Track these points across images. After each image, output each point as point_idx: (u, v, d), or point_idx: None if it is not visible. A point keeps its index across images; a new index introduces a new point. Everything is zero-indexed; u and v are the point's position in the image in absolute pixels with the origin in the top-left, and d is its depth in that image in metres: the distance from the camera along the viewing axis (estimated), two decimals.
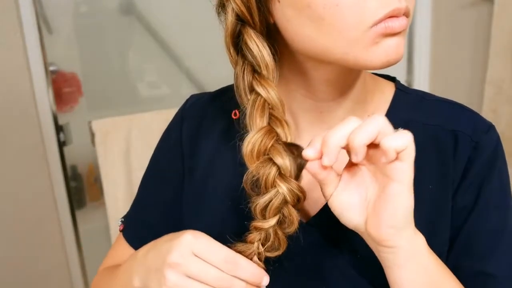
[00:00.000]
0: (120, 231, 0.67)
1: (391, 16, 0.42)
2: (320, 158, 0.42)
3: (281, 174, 0.46)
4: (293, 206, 0.47)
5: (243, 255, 0.47)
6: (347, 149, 0.42)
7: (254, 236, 0.47)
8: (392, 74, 0.61)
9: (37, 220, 1.58)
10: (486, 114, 1.71)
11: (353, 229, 0.46)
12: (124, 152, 1.56)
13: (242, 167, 0.51)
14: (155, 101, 1.71)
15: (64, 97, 1.60)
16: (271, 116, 0.47)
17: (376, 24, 0.42)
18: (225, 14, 0.48)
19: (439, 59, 1.76)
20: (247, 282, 0.46)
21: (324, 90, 0.53)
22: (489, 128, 0.55)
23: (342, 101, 0.54)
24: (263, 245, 0.47)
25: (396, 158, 0.40)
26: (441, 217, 0.53)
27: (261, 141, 0.46)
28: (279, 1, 0.46)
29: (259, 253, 0.48)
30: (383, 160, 0.40)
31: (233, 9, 0.46)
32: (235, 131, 0.58)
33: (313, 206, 0.55)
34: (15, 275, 1.59)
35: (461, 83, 1.81)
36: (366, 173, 0.44)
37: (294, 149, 0.46)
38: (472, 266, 0.52)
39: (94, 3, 1.60)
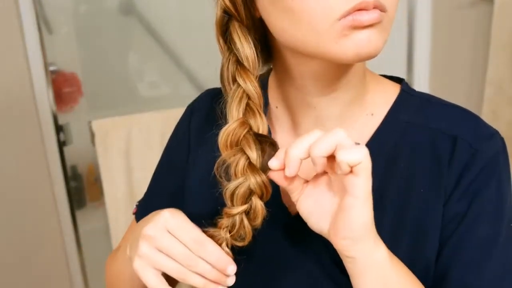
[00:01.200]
0: (133, 214, 0.70)
1: (359, 9, 0.43)
2: (284, 169, 0.45)
3: (250, 164, 0.48)
4: (260, 198, 0.49)
5: (213, 240, 0.49)
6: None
7: (223, 222, 0.49)
8: (391, 74, 0.61)
9: (37, 220, 1.58)
10: (486, 114, 1.71)
11: (319, 233, 0.48)
12: (124, 152, 1.56)
13: None
14: (155, 101, 1.71)
15: (64, 97, 1.60)
16: (247, 107, 0.50)
17: (344, 16, 0.43)
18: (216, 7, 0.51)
19: (439, 59, 1.76)
20: (212, 266, 0.48)
21: (313, 85, 0.53)
22: (492, 136, 0.53)
23: (335, 98, 0.54)
24: (229, 232, 0.49)
25: (351, 172, 0.41)
26: (431, 222, 0.52)
27: (234, 131, 0.49)
28: None
29: (227, 240, 0.49)
30: (339, 172, 0.42)
31: (220, 4, 0.49)
32: None
33: None
34: (15, 275, 1.59)
35: (461, 83, 1.81)
36: (333, 183, 0.46)
37: (265, 141, 0.49)
38: (457, 276, 0.51)
39: (94, 3, 1.60)
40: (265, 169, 0.48)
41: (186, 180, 0.63)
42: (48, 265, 1.62)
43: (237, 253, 0.51)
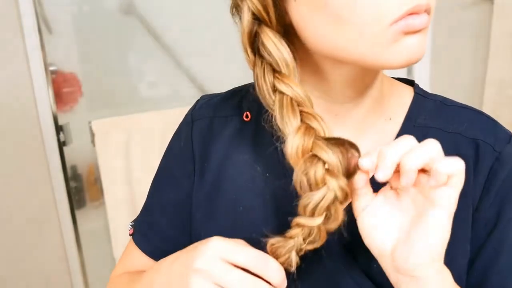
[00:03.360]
0: (130, 235, 0.66)
1: (411, 13, 0.41)
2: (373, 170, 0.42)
3: (328, 170, 0.43)
4: (341, 203, 0.44)
5: (279, 249, 0.45)
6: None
7: (297, 232, 0.44)
8: (391, 75, 0.61)
9: (37, 220, 1.58)
10: None
11: (375, 253, 0.45)
12: (124, 152, 1.56)
13: (255, 170, 0.49)
14: (155, 101, 1.71)
15: (64, 97, 1.60)
16: (302, 113, 0.45)
17: (396, 21, 0.41)
18: (241, 14, 0.46)
19: (439, 59, 1.76)
20: (271, 285, 0.43)
21: (341, 92, 0.51)
22: (510, 138, 0.53)
23: (359, 102, 0.52)
24: (304, 240, 0.45)
25: (445, 183, 0.40)
26: (460, 229, 0.51)
27: (303, 141, 0.43)
28: (294, 0, 0.45)
29: (300, 249, 0.45)
30: (432, 183, 0.40)
31: (249, 8, 0.45)
32: (247, 134, 0.57)
33: None
34: (15, 275, 1.59)
35: (461, 83, 1.81)
36: (405, 198, 0.44)
37: (339, 142, 0.44)
38: (496, 283, 0.50)
39: (94, 3, 1.60)
40: (348, 172, 0.43)
41: (197, 189, 0.59)
42: (48, 265, 1.62)
43: None
